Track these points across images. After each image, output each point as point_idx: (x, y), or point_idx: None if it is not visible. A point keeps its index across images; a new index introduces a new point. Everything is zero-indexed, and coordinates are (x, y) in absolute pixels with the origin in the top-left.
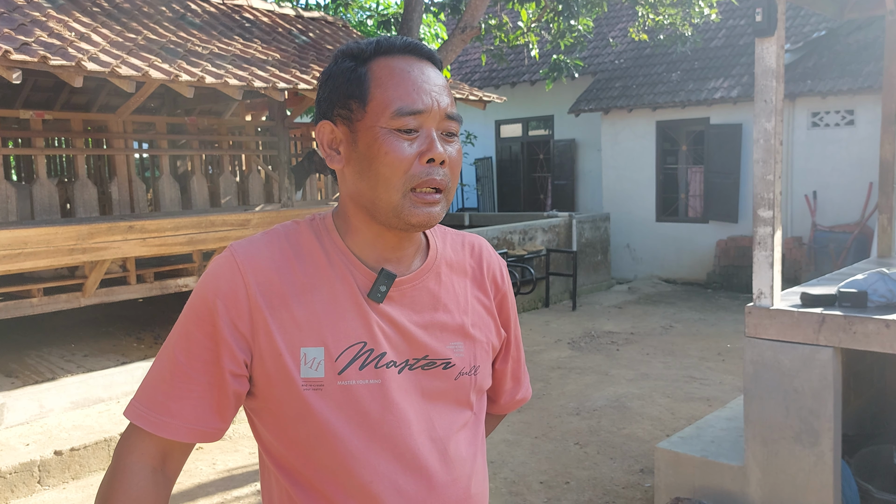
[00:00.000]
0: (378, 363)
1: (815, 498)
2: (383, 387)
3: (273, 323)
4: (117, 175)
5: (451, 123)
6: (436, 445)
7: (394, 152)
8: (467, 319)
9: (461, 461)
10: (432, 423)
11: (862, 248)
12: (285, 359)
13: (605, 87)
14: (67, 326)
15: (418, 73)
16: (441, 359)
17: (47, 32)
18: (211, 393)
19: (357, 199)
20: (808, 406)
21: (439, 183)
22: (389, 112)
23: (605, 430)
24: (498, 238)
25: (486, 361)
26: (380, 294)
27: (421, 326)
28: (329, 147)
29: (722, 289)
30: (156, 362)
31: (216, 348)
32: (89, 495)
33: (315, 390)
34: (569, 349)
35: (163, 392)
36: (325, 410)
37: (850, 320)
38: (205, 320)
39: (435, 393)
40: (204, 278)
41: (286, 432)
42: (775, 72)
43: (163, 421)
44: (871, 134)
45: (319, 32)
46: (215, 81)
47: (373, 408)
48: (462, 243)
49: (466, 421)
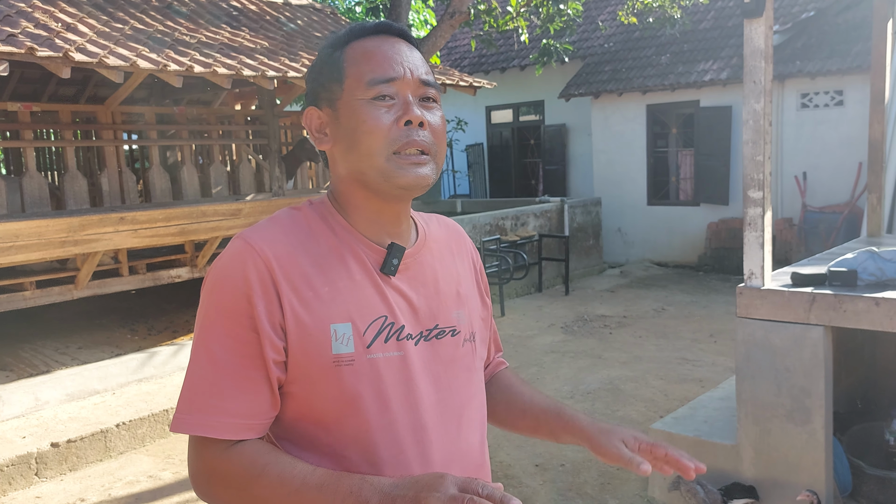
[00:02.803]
0: (399, 336)
1: (808, 475)
2: (405, 358)
3: (300, 303)
4: (107, 166)
5: (427, 89)
6: (454, 414)
7: (371, 120)
8: (462, 289)
9: (473, 429)
10: (448, 392)
11: (852, 228)
12: (317, 337)
13: (594, 72)
14: (61, 319)
15: (388, 47)
16: (448, 327)
17: (34, 23)
18: (262, 384)
19: (352, 175)
20: (799, 384)
21: (420, 144)
22: (363, 84)
23: (600, 413)
24: (490, 224)
25: (480, 329)
26: (393, 267)
27: (428, 297)
28: (317, 131)
29: (713, 271)
30: (193, 369)
31: (258, 340)
32: (86, 486)
33: (347, 365)
34: (562, 333)
35: (215, 395)
36: (356, 384)
37: (840, 299)
38: (241, 314)
39: (448, 361)
40: (222, 271)
41: (312, 412)
42: (764, 52)
43: (223, 422)
44: (861, 114)
45: (308, 20)
46: (204, 70)
47: (397, 379)
48: (438, 222)
49: (477, 390)
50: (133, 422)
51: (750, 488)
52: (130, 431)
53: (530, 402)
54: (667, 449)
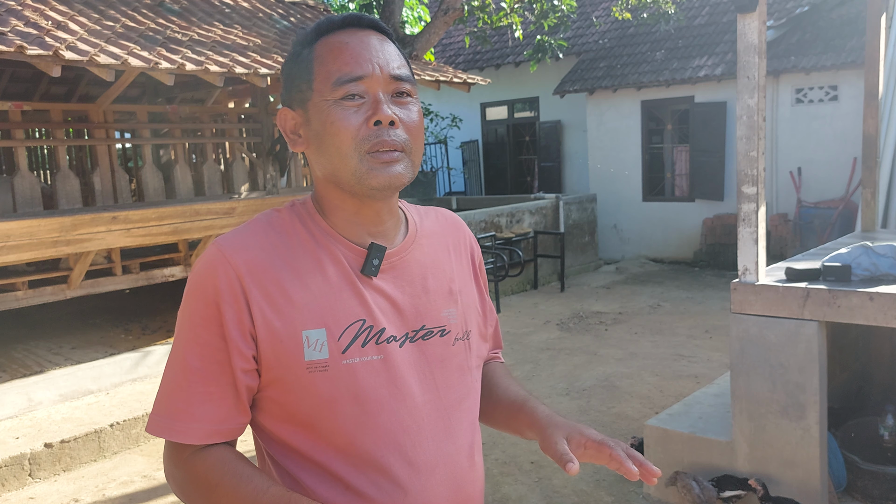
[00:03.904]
0: (379, 339)
1: (802, 470)
2: (386, 362)
3: (272, 310)
4: (99, 165)
5: (400, 84)
6: (441, 415)
7: (339, 121)
8: (455, 286)
9: (464, 430)
10: (437, 392)
11: (847, 223)
12: (288, 344)
13: (589, 68)
14: (54, 319)
15: (357, 42)
16: (437, 327)
17: (23, 21)
18: (230, 391)
19: (327, 177)
20: (794, 380)
21: (392, 144)
22: (331, 84)
23: (595, 410)
24: (485, 221)
25: (476, 325)
26: (373, 268)
27: (414, 297)
28: (291, 133)
29: (709, 267)
30: (167, 373)
31: (226, 348)
32: (80, 487)
33: (321, 372)
34: (557, 330)
35: (183, 400)
36: (332, 390)
37: (834, 294)
38: (212, 321)
39: (437, 362)
40: (196, 278)
41: (293, 417)
42: (757, 47)
43: (191, 427)
44: (855, 109)
45: (301, 17)
46: (196, 68)
47: (378, 383)
48: (436, 216)
49: (467, 391)
50: (127, 422)
51: (742, 480)
52: (124, 431)
53: (504, 395)
54: (612, 449)
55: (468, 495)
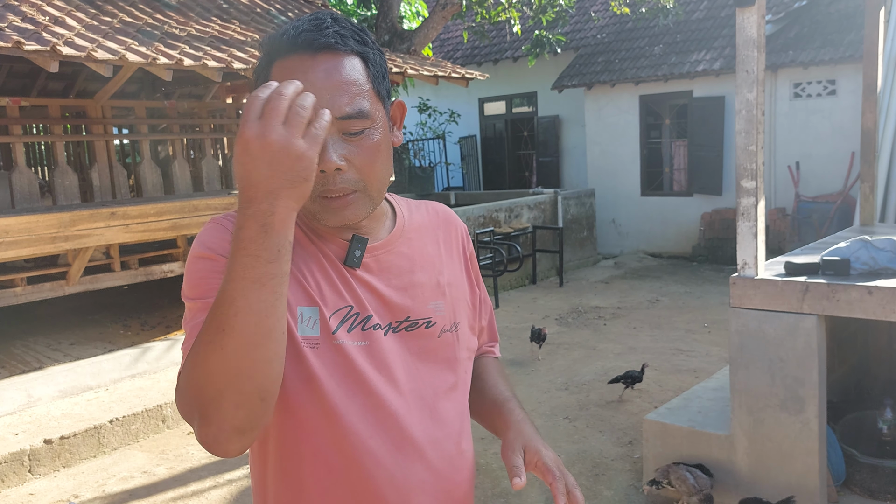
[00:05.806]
0: (364, 326)
1: (801, 464)
2: (371, 348)
3: None
4: (98, 161)
5: (348, 123)
6: (426, 404)
7: None
8: (443, 279)
9: (450, 420)
10: (421, 381)
11: (845, 218)
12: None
13: (587, 63)
14: (53, 315)
15: (301, 77)
16: (423, 318)
17: (20, 17)
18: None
19: None
20: (793, 374)
21: (340, 190)
22: None
23: (594, 404)
24: (484, 216)
25: (465, 318)
26: (356, 259)
27: (400, 289)
28: None
29: (707, 262)
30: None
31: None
32: (80, 483)
33: (311, 348)
34: (556, 325)
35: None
36: (321, 369)
37: (833, 288)
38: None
39: (421, 352)
40: (203, 236)
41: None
42: (756, 41)
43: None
44: (853, 103)
45: (298, 12)
46: (194, 63)
47: (363, 368)
48: (427, 209)
49: (455, 382)
50: (126, 417)
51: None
52: (124, 427)
53: (490, 393)
54: (554, 481)
55: (455, 482)
